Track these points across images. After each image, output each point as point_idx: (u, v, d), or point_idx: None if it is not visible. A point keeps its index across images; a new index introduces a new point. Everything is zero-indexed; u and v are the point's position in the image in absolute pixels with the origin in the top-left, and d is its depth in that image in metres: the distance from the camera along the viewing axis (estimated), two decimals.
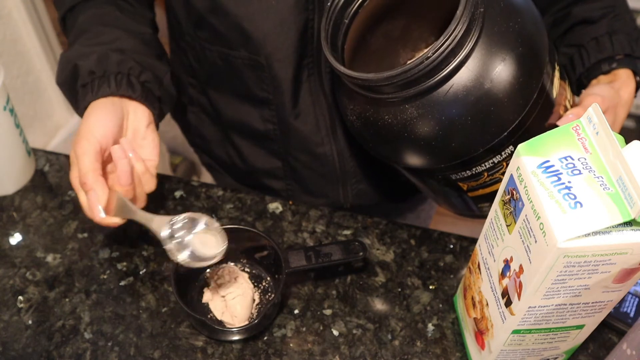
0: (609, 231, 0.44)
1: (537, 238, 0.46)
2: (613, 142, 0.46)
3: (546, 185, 0.46)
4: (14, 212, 0.75)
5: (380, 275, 0.71)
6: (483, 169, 0.61)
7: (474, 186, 0.64)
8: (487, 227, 0.57)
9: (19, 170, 0.77)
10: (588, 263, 0.45)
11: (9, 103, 0.72)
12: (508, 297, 0.52)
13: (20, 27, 1.41)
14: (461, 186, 0.65)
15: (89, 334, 0.65)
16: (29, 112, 1.49)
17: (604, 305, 0.52)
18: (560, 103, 0.62)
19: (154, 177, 0.67)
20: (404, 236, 0.74)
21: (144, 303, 0.68)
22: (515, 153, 0.50)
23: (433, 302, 0.69)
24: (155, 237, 0.69)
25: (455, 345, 0.65)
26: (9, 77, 1.39)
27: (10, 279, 0.69)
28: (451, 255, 0.73)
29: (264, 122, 0.79)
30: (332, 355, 0.64)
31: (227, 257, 0.70)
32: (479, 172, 0.62)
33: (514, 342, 0.56)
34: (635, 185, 0.43)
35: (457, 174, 0.62)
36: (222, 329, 0.64)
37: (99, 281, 0.69)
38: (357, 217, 0.76)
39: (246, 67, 0.74)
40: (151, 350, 0.64)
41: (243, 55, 0.73)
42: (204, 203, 0.77)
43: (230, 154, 0.86)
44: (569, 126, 0.50)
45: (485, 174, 0.62)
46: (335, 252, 0.67)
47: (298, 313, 0.67)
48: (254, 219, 0.76)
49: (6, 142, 0.73)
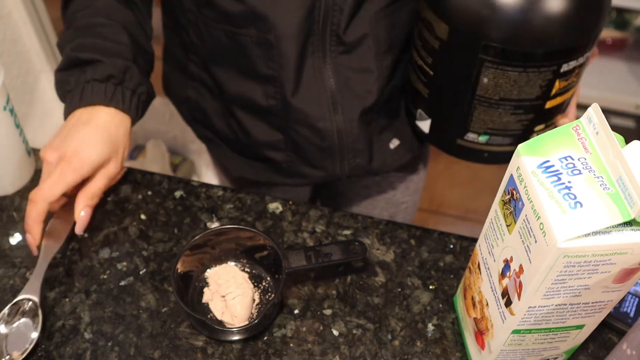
0: (609, 231, 0.44)
1: (537, 238, 0.46)
2: (613, 142, 0.46)
3: (546, 185, 0.46)
4: (14, 212, 0.75)
5: (380, 275, 0.71)
6: (577, 65, 0.67)
7: (561, 90, 0.69)
8: (487, 227, 0.57)
9: (19, 170, 0.77)
10: (588, 263, 0.45)
11: (9, 103, 0.72)
12: (508, 297, 0.52)
13: (20, 27, 1.41)
14: (554, 86, 0.68)
15: (89, 334, 0.65)
16: (29, 112, 1.49)
17: (604, 305, 0.52)
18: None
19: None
20: (404, 236, 0.75)
21: (144, 303, 0.68)
22: (515, 153, 0.50)
23: (433, 302, 0.69)
24: (155, 237, 0.70)
25: (455, 345, 0.66)
26: (9, 77, 1.38)
27: (10, 279, 0.69)
28: (451, 255, 0.73)
29: (267, 98, 0.80)
30: (332, 355, 0.64)
31: (227, 257, 0.70)
32: (577, 66, 0.67)
33: (514, 342, 0.56)
34: (635, 185, 0.43)
35: (567, 63, 0.66)
36: (222, 329, 0.64)
37: (99, 281, 0.69)
38: (357, 217, 0.76)
39: (254, 44, 0.75)
40: (151, 350, 0.64)
41: (252, 33, 0.74)
42: (204, 203, 0.77)
43: (233, 127, 0.87)
44: (569, 126, 0.50)
45: (576, 71, 0.67)
46: (335, 252, 0.67)
47: (298, 313, 0.67)
48: (254, 219, 0.76)
49: (6, 142, 0.73)
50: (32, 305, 0.63)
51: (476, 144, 0.75)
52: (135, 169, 0.80)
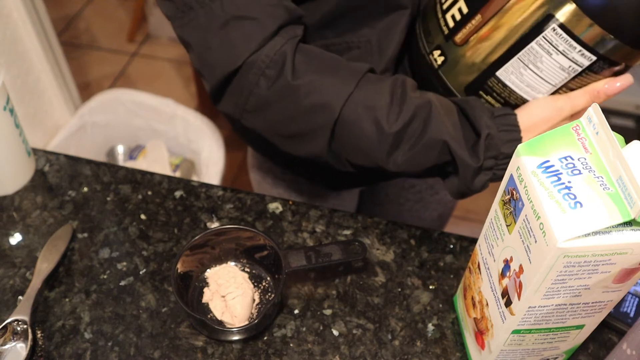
0: (609, 231, 0.44)
1: (537, 238, 0.46)
2: (613, 142, 0.46)
3: (546, 185, 0.46)
4: (14, 212, 0.75)
5: (380, 275, 0.71)
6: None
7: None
8: (487, 227, 0.57)
9: (19, 170, 0.77)
10: (588, 263, 0.45)
11: (9, 103, 0.72)
12: (508, 297, 0.52)
13: (20, 27, 1.41)
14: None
15: (89, 334, 0.65)
16: (29, 112, 1.49)
17: (604, 305, 0.52)
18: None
19: None
20: (404, 236, 0.75)
21: (144, 303, 0.68)
22: (515, 153, 0.50)
23: (433, 302, 0.69)
24: (155, 237, 0.70)
25: (455, 345, 0.66)
26: (9, 77, 1.38)
27: (10, 279, 0.69)
28: (451, 255, 0.73)
29: None
30: (332, 355, 0.64)
31: (227, 257, 0.70)
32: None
33: (514, 342, 0.56)
34: (635, 185, 0.43)
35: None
36: (222, 329, 0.64)
37: (99, 281, 0.69)
38: (357, 217, 0.76)
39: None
40: (151, 350, 0.64)
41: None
42: (204, 203, 0.77)
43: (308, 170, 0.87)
44: (569, 126, 0.50)
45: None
46: (335, 252, 0.67)
47: (298, 313, 0.67)
48: (254, 219, 0.76)
49: (6, 142, 0.73)
50: (23, 326, 0.63)
51: None
52: (135, 169, 0.80)
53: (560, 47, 0.61)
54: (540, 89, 0.65)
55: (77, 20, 2.48)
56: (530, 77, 0.65)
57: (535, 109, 0.66)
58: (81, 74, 2.22)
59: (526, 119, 0.66)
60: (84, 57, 2.32)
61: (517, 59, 0.64)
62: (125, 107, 1.67)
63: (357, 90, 0.63)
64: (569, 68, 0.62)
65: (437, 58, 0.70)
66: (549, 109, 0.65)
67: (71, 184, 0.79)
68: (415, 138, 0.64)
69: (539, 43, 0.62)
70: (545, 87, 0.65)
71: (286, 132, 0.67)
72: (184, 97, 2.18)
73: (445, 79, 0.70)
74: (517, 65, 0.64)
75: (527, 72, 0.64)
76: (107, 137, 1.71)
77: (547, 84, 0.65)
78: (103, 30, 2.44)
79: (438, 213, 1.06)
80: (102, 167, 0.81)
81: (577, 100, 0.65)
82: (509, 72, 0.65)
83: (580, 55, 0.61)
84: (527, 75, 0.65)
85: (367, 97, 0.64)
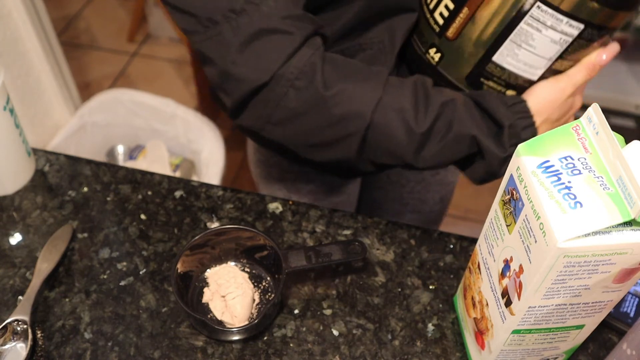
0: (609, 231, 0.44)
1: (537, 238, 0.46)
2: (613, 142, 0.46)
3: (546, 185, 0.46)
4: (14, 212, 0.76)
5: (380, 275, 0.71)
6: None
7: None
8: (487, 227, 0.57)
9: (19, 170, 0.77)
10: (588, 263, 0.45)
11: (9, 103, 0.72)
12: (508, 297, 0.52)
13: (20, 27, 1.41)
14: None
15: (89, 334, 0.65)
16: (29, 112, 1.49)
17: (604, 305, 0.52)
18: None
19: None
20: (404, 236, 0.75)
21: (144, 303, 0.68)
22: (515, 153, 0.50)
23: (433, 302, 0.69)
24: (155, 237, 0.70)
25: (455, 345, 0.66)
26: (9, 77, 1.39)
27: (10, 279, 0.69)
28: (451, 255, 0.73)
29: None
30: (332, 355, 0.64)
31: (227, 257, 0.70)
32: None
33: (514, 342, 0.56)
34: (635, 185, 0.43)
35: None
36: (222, 329, 0.64)
37: (99, 281, 0.69)
38: (357, 217, 0.76)
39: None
40: (151, 350, 0.64)
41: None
42: (204, 203, 0.77)
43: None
44: (569, 126, 0.50)
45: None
46: (335, 252, 0.67)
47: (298, 313, 0.67)
48: (254, 219, 0.76)
49: (6, 142, 0.73)
50: (23, 326, 0.63)
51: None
52: (135, 169, 0.80)
53: (548, 22, 0.63)
54: (537, 65, 0.67)
55: (77, 20, 2.48)
56: (525, 55, 0.66)
57: (541, 92, 0.68)
58: (81, 74, 2.22)
59: (535, 103, 0.68)
60: (84, 57, 2.32)
61: (510, 41, 0.66)
62: (125, 107, 1.67)
63: (384, 95, 0.65)
64: (560, 40, 0.64)
65: (434, 56, 0.71)
66: (553, 91, 0.68)
67: (71, 184, 0.79)
68: (442, 134, 0.66)
69: (527, 22, 0.64)
70: (541, 62, 0.67)
71: (313, 141, 0.67)
72: (184, 97, 2.18)
73: (446, 74, 0.72)
74: (510, 47, 0.66)
75: (521, 52, 0.66)
76: (107, 137, 1.71)
77: (542, 59, 0.66)
78: (103, 30, 2.44)
79: (440, 196, 1.06)
80: (102, 167, 0.81)
81: (576, 76, 0.68)
82: (505, 55, 0.67)
83: (569, 26, 0.63)
84: (522, 55, 0.66)
85: (394, 100, 0.65)
